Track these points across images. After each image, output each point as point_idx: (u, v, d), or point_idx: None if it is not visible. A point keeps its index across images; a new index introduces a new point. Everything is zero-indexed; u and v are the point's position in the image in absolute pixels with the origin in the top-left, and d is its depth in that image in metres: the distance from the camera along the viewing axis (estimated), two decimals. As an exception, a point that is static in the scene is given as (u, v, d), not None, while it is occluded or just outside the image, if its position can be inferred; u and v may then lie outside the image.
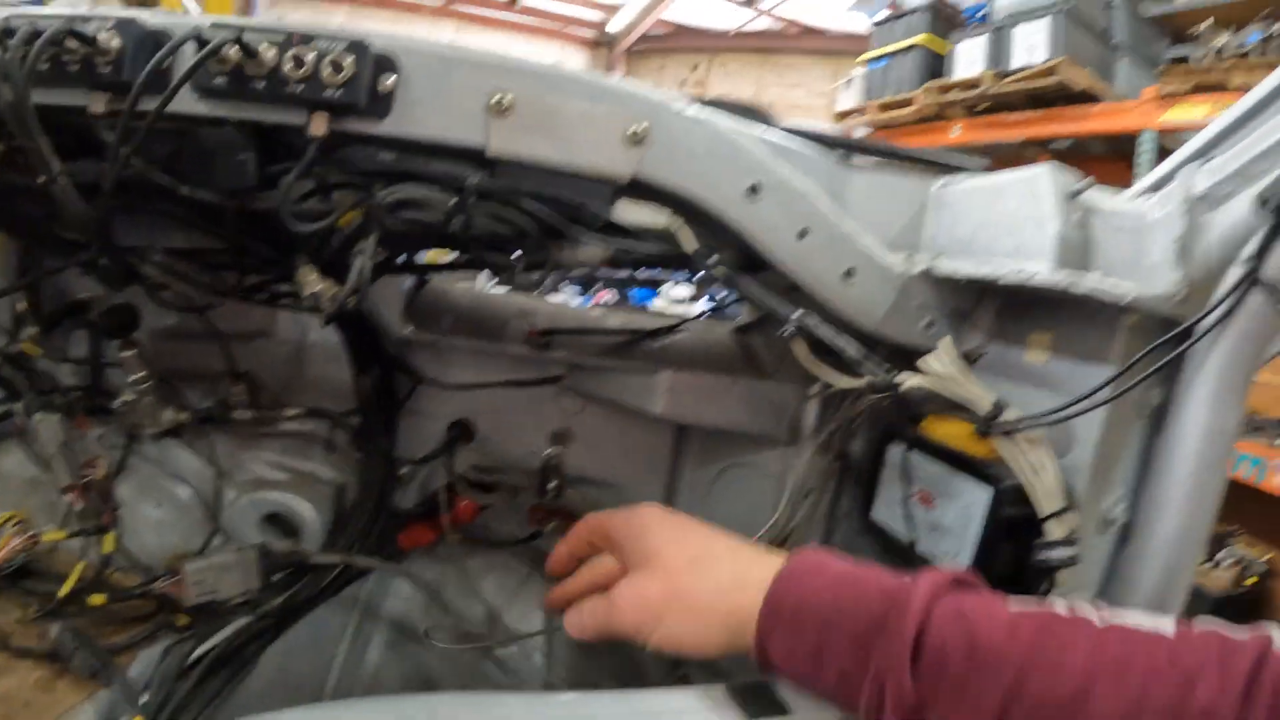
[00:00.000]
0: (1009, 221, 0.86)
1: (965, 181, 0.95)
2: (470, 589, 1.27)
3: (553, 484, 1.20)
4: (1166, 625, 0.57)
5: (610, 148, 0.77)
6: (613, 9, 10.48)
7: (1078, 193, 0.84)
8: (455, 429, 1.22)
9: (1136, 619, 0.58)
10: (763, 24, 10.40)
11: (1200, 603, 3.55)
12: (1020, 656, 0.56)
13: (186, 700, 0.94)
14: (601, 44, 11.21)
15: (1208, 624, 0.57)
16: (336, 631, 1.29)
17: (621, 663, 1.23)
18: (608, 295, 5.32)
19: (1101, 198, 0.85)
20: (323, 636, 1.26)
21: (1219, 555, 3.86)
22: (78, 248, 0.89)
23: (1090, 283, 0.76)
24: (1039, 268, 0.80)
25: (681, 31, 10.89)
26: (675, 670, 1.23)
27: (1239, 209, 0.75)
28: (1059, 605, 0.61)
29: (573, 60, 11.16)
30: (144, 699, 0.91)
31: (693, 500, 1.23)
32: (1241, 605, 3.71)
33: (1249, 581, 3.78)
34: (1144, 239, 0.79)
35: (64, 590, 1.00)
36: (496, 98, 0.73)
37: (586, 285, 5.27)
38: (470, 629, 1.29)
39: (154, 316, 1.08)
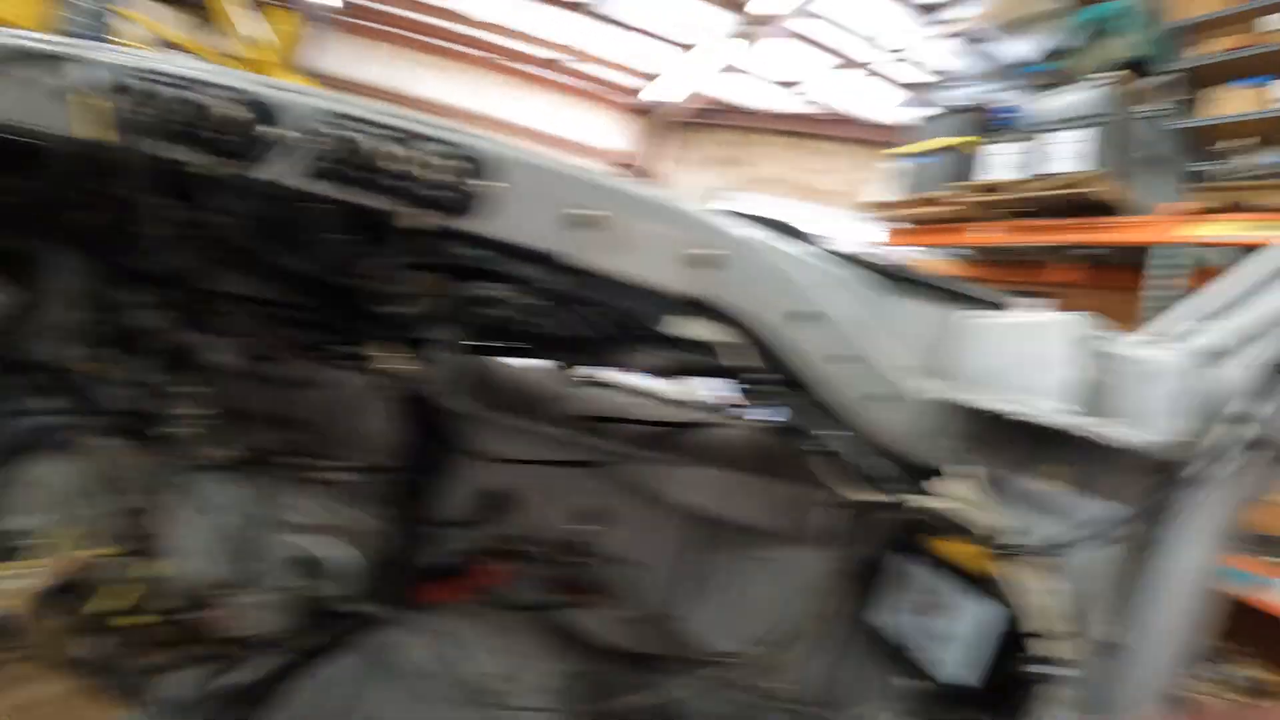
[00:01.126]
0: (1024, 360, 0.93)
1: (988, 316, 1.02)
2: (486, 649, 1.31)
3: (574, 559, 1.25)
4: None
5: (675, 268, 0.83)
6: (650, 77, 10.64)
7: (1091, 339, 0.90)
8: (488, 498, 1.28)
9: None
10: (798, 106, 10.55)
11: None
12: None
13: None
14: (638, 111, 11.37)
15: None
16: (352, 677, 1.32)
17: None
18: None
19: (1113, 343, 0.91)
20: (339, 680, 1.30)
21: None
22: (153, 279, 0.95)
23: (1089, 426, 0.81)
24: (1045, 407, 0.86)
25: (718, 107, 11.05)
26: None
27: (1240, 366, 0.81)
28: None
29: (608, 125, 11.31)
30: (173, 722, 0.96)
31: (698, 586, 1.27)
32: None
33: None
34: (1150, 386, 0.86)
35: (104, 609, 1.05)
36: (579, 211, 0.80)
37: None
38: (482, 687, 1.32)
39: (216, 355, 1.14)
